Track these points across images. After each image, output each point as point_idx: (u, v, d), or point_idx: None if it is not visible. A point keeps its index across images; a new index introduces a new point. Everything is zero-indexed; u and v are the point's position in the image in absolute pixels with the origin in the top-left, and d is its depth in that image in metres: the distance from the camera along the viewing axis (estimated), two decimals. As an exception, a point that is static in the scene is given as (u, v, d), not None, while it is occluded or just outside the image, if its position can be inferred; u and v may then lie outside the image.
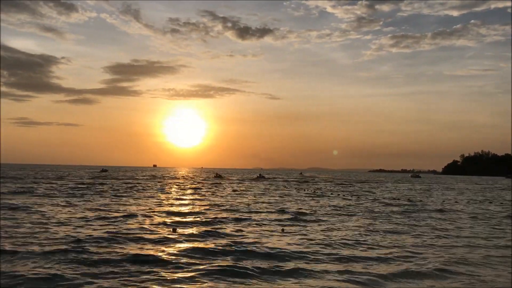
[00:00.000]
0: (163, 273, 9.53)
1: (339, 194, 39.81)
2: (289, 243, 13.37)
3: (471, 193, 47.85)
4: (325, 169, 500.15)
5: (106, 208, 22.17)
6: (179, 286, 8.70)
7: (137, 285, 8.66)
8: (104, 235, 13.75)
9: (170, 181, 61.95)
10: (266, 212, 22.13)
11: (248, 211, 22.34)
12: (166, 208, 23.11)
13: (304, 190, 45.58)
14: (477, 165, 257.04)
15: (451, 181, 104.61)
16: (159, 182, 57.42)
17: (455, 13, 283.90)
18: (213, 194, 35.74)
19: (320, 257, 11.49)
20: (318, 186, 56.84)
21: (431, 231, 16.75)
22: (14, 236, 13.35)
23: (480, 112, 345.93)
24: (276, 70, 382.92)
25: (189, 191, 39.39)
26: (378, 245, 13.46)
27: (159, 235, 14.32)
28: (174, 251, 11.81)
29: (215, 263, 10.53)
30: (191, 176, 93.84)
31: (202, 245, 12.70)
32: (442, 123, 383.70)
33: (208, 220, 18.39)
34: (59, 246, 11.94)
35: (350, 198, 34.82)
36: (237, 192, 39.28)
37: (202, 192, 38.24)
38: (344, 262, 11.03)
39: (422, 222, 19.51)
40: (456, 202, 32.93)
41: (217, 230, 15.55)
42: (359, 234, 15.53)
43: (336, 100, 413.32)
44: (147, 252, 11.53)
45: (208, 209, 23.13)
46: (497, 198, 39.52)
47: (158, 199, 29.20)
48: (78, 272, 9.36)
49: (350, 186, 59.28)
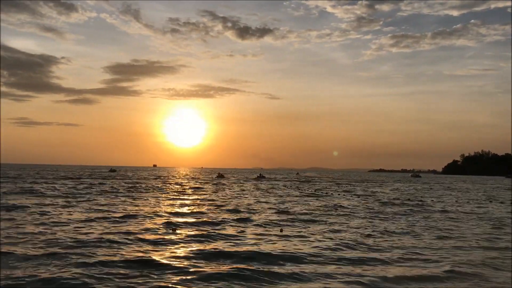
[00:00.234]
0: (163, 276, 9.40)
1: (340, 194, 39.68)
2: (291, 245, 13.23)
3: (473, 193, 47.71)
4: (325, 169, 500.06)
5: (107, 209, 22.05)
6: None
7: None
8: (105, 236, 13.63)
9: (173, 181, 61.82)
10: (267, 213, 22.00)
11: (249, 212, 22.22)
12: (167, 209, 22.97)
13: (305, 190, 45.47)
14: (477, 165, 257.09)
15: (452, 181, 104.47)
16: (163, 182, 57.27)
17: (455, 13, 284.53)
18: (215, 194, 35.63)
19: (322, 259, 11.35)
20: (319, 186, 56.71)
21: (435, 232, 16.58)
22: (14, 237, 13.24)
23: (480, 112, 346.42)
24: (276, 70, 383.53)
25: (191, 191, 39.28)
26: (381, 246, 13.30)
27: (160, 236, 14.21)
28: (175, 253, 11.68)
29: (216, 266, 10.41)
30: (194, 176, 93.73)
31: (203, 247, 12.57)
32: (442, 123, 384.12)
33: (209, 221, 18.27)
34: (59, 248, 11.84)
35: (351, 198, 34.69)
36: (238, 192, 39.16)
37: (204, 192, 38.13)
38: (347, 264, 10.88)
39: (425, 223, 19.36)
40: (459, 202, 32.79)
41: (218, 231, 15.43)
42: (361, 235, 15.37)
43: (336, 100, 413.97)
44: (147, 254, 11.40)
45: (209, 209, 23.02)
46: (499, 198, 39.38)
47: (160, 199, 29.06)
48: (78, 274, 9.23)
49: (351, 186, 59.15)
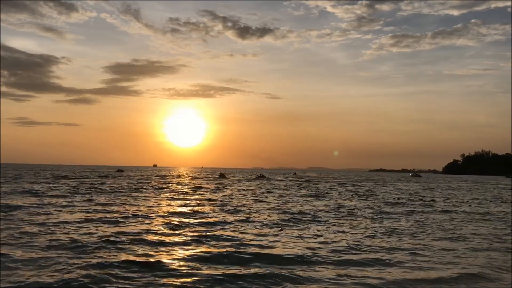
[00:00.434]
0: (164, 278, 9.25)
1: (341, 194, 39.55)
2: (293, 245, 13.08)
3: (474, 193, 47.57)
4: (325, 169, 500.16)
5: (108, 209, 21.91)
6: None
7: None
8: (105, 237, 13.48)
9: (175, 181, 61.68)
10: (268, 213, 21.85)
11: (250, 212, 22.08)
12: (168, 208, 22.83)
13: (306, 190, 45.33)
14: (478, 165, 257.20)
15: (452, 181, 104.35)
16: (164, 182, 57.13)
17: (455, 13, 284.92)
18: (215, 194, 35.50)
19: (325, 260, 11.18)
20: (319, 186, 56.59)
21: (439, 232, 16.43)
22: (14, 238, 13.10)
23: (480, 112, 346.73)
24: (276, 70, 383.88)
25: (193, 191, 39.14)
26: (384, 247, 13.13)
27: (160, 237, 14.06)
28: (175, 255, 11.54)
29: (217, 267, 10.26)
30: (195, 176, 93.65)
31: (203, 248, 12.42)
32: (442, 123, 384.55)
33: (210, 221, 18.13)
34: (59, 248, 11.72)
35: (352, 198, 34.54)
36: (239, 192, 39.03)
37: (205, 192, 38.00)
38: (349, 265, 10.70)
39: (428, 223, 19.21)
40: (461, 202, 32.64)
41: (219, 232, 15.29)
42: (363, 236, 15.21)
43: (336, 100, 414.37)
44: (148, 255, 11.26)
45: (210, 209, 22.88)
46: (501, 198, 39.22)
47: (160, 199, 28.92)
48: (78, 275, 9.09)
49: (351, 186, 59.02)
